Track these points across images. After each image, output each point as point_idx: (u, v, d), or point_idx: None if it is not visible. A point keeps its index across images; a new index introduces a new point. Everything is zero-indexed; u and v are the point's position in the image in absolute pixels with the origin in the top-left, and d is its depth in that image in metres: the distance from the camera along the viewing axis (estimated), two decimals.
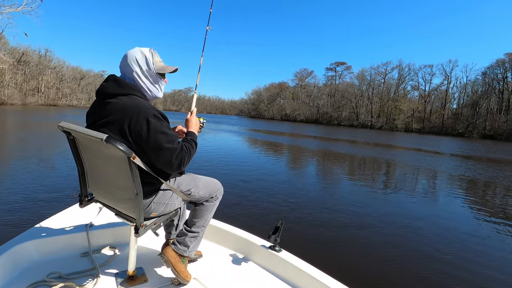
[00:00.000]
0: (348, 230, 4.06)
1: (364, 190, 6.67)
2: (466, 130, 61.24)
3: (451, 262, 3.29)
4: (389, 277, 2.87)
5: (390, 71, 79.90)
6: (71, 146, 1.45)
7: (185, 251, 1.57)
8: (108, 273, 1.62)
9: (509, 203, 6.60)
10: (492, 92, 63.48)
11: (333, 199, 5.69)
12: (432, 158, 14.99)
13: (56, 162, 7.12)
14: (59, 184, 5.19)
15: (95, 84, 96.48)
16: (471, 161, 15.22)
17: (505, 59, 61.97)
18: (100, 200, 1.55)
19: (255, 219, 4.16)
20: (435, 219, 4.88)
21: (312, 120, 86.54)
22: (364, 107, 79.95)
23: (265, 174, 7.71)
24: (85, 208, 1.65)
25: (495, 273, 3.15)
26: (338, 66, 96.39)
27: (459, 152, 20.61)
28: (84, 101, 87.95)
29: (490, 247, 3.85)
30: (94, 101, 1.40)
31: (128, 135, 1.25)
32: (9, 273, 1.52)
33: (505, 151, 24.13)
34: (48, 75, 76.65)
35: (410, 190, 7.04)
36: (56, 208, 3.62)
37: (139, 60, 1.38)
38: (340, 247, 3.49)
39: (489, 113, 61.27)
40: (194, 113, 1.69)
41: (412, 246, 3.65)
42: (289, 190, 6.08)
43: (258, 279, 1.72)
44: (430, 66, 73.85)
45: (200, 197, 1.61)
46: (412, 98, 78.14)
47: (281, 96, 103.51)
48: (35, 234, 1.77)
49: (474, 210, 5.69)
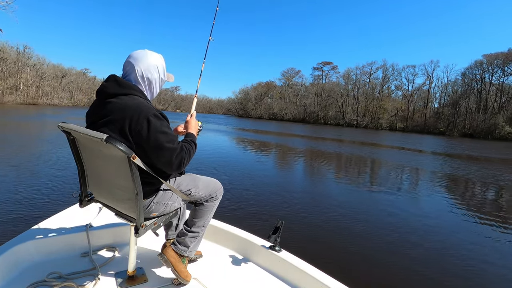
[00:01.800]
0: (348, 229, 4.07)
1: (362, 190, 6.75)
2: (447, 129, 63.37)
3: (457, 264, 3.28)
4: (389, 277, 2.87)
5: (375, 71, 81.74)
6: (71, 146, 1.44)
7: (185, 251, 1.58)
8: (108, 273, 1.62)
9: (487, 197, 6.93)
10: (471, 92, 65.96)
11: (333, 199, 5.73)
12: (425, 158, 15.44)
13: (40, 163, 6.90)
14: (57, 184, 5.13)
15: (78, 82, 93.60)
16: (453, 158, 15.81)
17: (482, 60, 64.51)
18: (100, 200, 1.55)
19: (255, 219, 4.16)
20: (435, 219, 4.89)
21: (299, 119, 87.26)
22: (350, 106, 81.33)
23: (265, 174, 7.75)
24: (85, 208, 1.65)
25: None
26: (325, 66, 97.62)
27: (442, 150, 21.35)
28: (66, 99, 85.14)
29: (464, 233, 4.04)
30: (94, 101, 1.40)
31: (129, 135, 1.26)
32: (9, 273, 1.51)
33: (482, 149, 25.12)
34: (27, 73, 73.70)
35: (407, 189, 7.19)
36: (56, 208, 3.57)
37: (159, 68, 1.45)
38: (340, 247, 3.49)
39: (468, 112, 63.63)
40: (194, 115, 1.71)
41: (412, 246, 3.64)
42: (288, 190, 6.12)
43: (258, 279, 1.72)
44: (413, 67, 75.95)
45: (200, 197, 1.62)
46: (396, 97, 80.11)
47: (268, 95, 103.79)
48: (35, 234, 1.77)
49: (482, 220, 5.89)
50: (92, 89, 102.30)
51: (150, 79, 1.42)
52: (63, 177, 5.67)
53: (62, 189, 4.84)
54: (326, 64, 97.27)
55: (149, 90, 1.46)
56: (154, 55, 1.44)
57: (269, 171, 8.32)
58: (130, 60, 1.39)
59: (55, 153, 8.19)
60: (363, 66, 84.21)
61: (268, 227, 1.96)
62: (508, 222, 4.95)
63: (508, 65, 60.42)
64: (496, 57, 61.83)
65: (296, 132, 31.44)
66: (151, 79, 1.43)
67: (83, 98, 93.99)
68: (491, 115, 58.56)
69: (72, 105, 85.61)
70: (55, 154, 7.95)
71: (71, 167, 6.49)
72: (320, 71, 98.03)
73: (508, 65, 60.42)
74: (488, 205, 6.14)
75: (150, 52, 1.44)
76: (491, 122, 56.76)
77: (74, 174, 5.86)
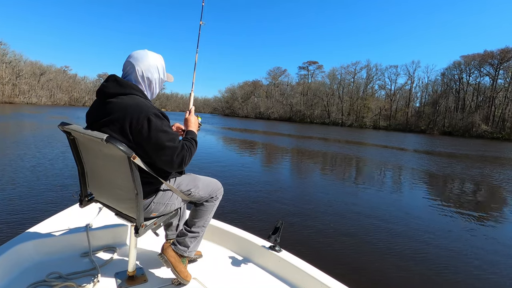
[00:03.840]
0: (348, 229, 4.09)
1: (361, 189, 6.83)
2: (427, 127, 65.47)
3: (459, 264, 3.34)
4: (389, 277, 2.88)
5: (359, 71, 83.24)
6: (71, 146, 1.43)
7: (185, 251, 1.58)
8: (108, 273, 1.62)
9: (465, 191, 7.26)
10: (450, 92, 68.49)
11: (332, 199, 5.75)
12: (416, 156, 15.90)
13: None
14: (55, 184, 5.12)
15: (57, 80, 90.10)
16: (434, 156, 16.40)
17: (460, 61, 67.20)
18: (100, 200, 1.55)
19: (255, 219, 4.16)
20: (437, 217, 4.99)
21: (285, 118, 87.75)
22: (335, 105, 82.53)
23: (264, 174, 7.79)
24: (85, 208, 1.64)
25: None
26: (310, 65, 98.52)
27: (424, 148, 22.07)
28: (45, 98, 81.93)
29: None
30: (95, 101, 1.40)
31: (129, 134, 1.26)
32: (9, 273, 1.50)
33: (460, 147, 26.14)
34: (3, 70, 70.45)
35: (401, 188, 7.39)
36: (56, 208, 3.50)
37: (159, 68, 1.45)
38: (340, 247, 3.48)
39: (447, 111, 66.00)
40: (193, 112, 1.70)
41: (413, 247, 3.67)
42: (288, 191, 6.16)
43: (258, 279, 1.73)
44: (395, 67, 77.90)
45: (200, 197, 1.62)
46: (379, 97, 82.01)
47: (255, 94, 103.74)
48: (35, 234, 1.76)
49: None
50: (73, 87, 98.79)
51: (150, 79, 1.42)
52: (57, 177, 5.55)
53: (62, 190, 4.82)
54: (312, 63, 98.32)
55: (149, 90, 1.46)
56: (154, 55, 1.45)
57: (268, 171, 8.37)
58: (131, 60, 1.39)
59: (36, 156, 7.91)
60: (348, 65, 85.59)
61: (268, 227, 1.96)
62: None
63: (483, 66, 63.22)
64: (473, 58, 64.53)
65: (285, 131, 31.64)
66: (151, 79, 1.43)
67: (63, 97, 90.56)
68: (468, 114, 61.08)
69: (52, 104, 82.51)
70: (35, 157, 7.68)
71: (56, 169, 6.31)
72: (306, 70, 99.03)
73: (483, 66, 63.22)
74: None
75: (151, 52, 1.44)
76: (469, 121, 59.21)
77: (71, 174, 5.81)
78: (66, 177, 5.73)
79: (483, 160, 15.81)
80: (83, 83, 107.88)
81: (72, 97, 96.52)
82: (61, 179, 5.56)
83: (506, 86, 60.14)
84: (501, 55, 59.56)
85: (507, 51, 58.62)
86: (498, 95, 60.25)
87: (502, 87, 60.69)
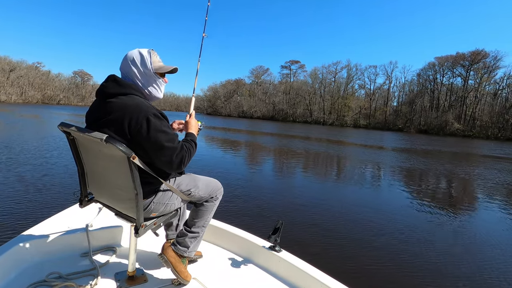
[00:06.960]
0: (348, 229, 4.08)
1: (361, 189, 6.87)
2: (405, 126, 68.09)
3: (461, 264, 3.33)
4: (389, 277, 2.88)
5: (340, 71, 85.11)
6: (71, 147, 1.42)
7: (185, 252, 1.59)
8: (108, 273, 1.62)
9: (439, 185, 7.66)
10: (425, 92, 71.69)
11: (332, 199, 5.80)
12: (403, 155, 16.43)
13: None
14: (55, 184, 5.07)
15: (29, 77, 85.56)
16: (410, 153, 17.10)
17: (435, 62, 70.51)
18: (100, 200, 1.54)
19: (255, 219, 4.15)
20: (436, 218, 5.00)
21: (268, 117, 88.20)
22: (317, 104, 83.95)
23: (263, 174, 7.80)
24: (85, 208, 1.62)
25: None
26: (293, 65, 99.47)
27: (402, 146, 22.96)
28: (15, 96, 77.69)
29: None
30: (94, 101, 1.39)
31: (128, 134, 1.26)
32: (9, 273, 1.50)
33: (435, 144, 27.36)
34: None
35: (401, 188, 7.44)
36: (56, 208, 3.38)
37: (136, 61, 1.39)
38: (340, 247, 3.48)
39: (423, 110, 69.01)
40: (193, 115, 1.72)
41: (414, 246, 3.67)
42: (288, 191, 6.19)
43: (258, 279, 1.73)
44: (374, 67, 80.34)
45: (200, 197, 1.63)
46: (359, 96, 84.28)
47: (237, 93, 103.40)
48: (35, 234, 1.74)
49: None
50: (46, 85, 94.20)
51: (146, 76, 1.41)
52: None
53: (61, 189, 4.79)
54: (294, 62, 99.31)
55: (148, 89, 1.44)
56: (133, 51, 1.42)
57: (267, 172, 8.37)
58: (127, 61, 1.39)
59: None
60: (329, 65, 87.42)
61: (268, 228, 1.96)
62: None
63: (456, 67, 66.62)
64: (446, 59, 67.88)
65: (268, 130, 31.80)
66: (136, 75, 1.40)
67: (35, 95, 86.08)
68: (442, 113, 64.15)
69: (23, 102, 78.29)
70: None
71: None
72: (288, 69, 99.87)
73: (456, 67, 66.62)
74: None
75: (142, 50, 1.42)
76: (443, 119, 62.20)
77: (70, 174, 5.61)
78: (65, 177, 5.68)
79: (456, 157, 16.68)
80: (57, 80, 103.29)
81: (46, 95, 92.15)
82: (59, 179, 5.52)
83: (476, 86, 63.70)
84: (471, 57, 63.06)
85: (477, 53, 62.13)
86: (469, 95, 63.76)
87: (472, 87, 64.22)
